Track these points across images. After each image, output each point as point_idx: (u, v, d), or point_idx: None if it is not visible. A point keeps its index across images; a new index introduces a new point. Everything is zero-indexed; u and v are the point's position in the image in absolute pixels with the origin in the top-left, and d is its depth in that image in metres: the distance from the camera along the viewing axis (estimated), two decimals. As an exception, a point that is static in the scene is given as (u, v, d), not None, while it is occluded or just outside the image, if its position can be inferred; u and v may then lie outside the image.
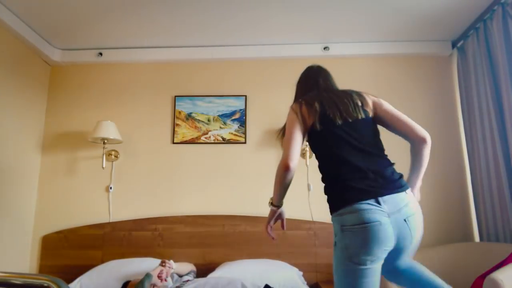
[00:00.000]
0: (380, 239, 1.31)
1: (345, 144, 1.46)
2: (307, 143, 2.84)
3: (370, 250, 1.31)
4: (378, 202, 1.35)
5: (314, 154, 1.60)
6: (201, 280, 2.12)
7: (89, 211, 2.97)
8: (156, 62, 3.21)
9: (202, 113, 3.10)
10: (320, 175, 1.56)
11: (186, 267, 2.50)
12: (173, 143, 3.06)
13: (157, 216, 2.93)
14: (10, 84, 2.72)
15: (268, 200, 2.01)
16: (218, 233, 2.84)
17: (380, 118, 1.57)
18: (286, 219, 2.85)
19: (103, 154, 3.00)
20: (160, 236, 2.85)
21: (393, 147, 2.62)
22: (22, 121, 2.86)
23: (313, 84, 1.70)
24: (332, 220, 1.44)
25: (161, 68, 3.21)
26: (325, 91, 1.63)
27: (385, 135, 1.63)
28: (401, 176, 1.49)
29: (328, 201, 1.48)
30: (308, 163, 2.91)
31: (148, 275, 2.01)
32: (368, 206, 1.34)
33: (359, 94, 1.59)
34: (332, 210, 1.44)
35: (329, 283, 2.67)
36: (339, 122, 1.49)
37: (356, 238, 1.33)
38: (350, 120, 1.49)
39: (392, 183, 1.41)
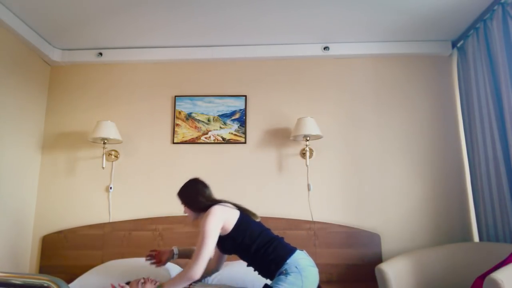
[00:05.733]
0: None
1: None
2: (307, 144, 2.86)
3: None
4: None
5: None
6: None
7: (89, 211, 2.97)
8: (156, 62, 3.21)
9: (202, 113, 3.10)
10: (319, 176, 1.57)
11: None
12: (173, 143, 3.06)
13: (157, 216, 2.93)
14: (10, 84, 2.72)
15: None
16: (218, 233, 2.83)
17: None
18: (286, 219, 2.85)
19: (103, 154, 3.00)
20: (160, 236, 2.85)
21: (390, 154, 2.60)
22: (22, 121, 2.86)
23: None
24: None
25: (161, 68, 3.21)
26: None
27: (383, 141, 1.63)
28: None
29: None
30: (308, 163, 2.91)
31: None
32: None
33: None
34: None
35: (329, 283, 2.67)
36: None
37: None
38: None
39: None
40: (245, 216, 1.95)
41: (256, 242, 1.86)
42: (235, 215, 1.91)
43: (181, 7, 2.57)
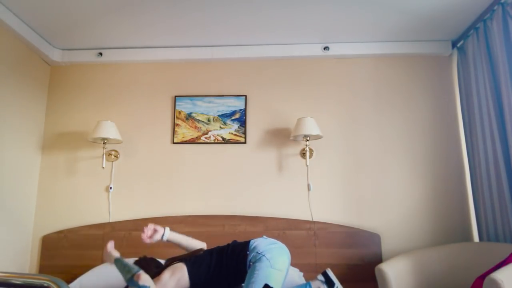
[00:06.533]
0: None
1: None
2: (307, 144, 2.86)
3: None
4: None
5: None
6: None
7: (89, 211, 2.97)
8: (156, 62, 3.21)
9: (202, 113, 3.10)
10: (319, 176, 1.58)
11: (196, 243, 2.28)
12: (173, 143, 3.06)
13: (157, 216, 2.93)
14: (10, 84, 2.72)
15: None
16: (218, 233, 2.84)
17: None
18: (286, 219, 2.85)
19: (103, 154, 3.00)
20: (160, 236, 2.85)
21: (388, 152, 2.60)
22: (22, 121, 2.86)
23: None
24: None
25: (161, 68, 3.21)
26: None
27: (382, 140, 1.63)
28: None
29: None
30: (308, 163, 2.91)
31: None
32: None
33: None
34: None
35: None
36: None
37: None
38: None
39: None
40: (190, 259, 2.00)
41: (213, 262, 1.95)
42: (182, 268, 1.94)
43: (181, 7, 2.57)
